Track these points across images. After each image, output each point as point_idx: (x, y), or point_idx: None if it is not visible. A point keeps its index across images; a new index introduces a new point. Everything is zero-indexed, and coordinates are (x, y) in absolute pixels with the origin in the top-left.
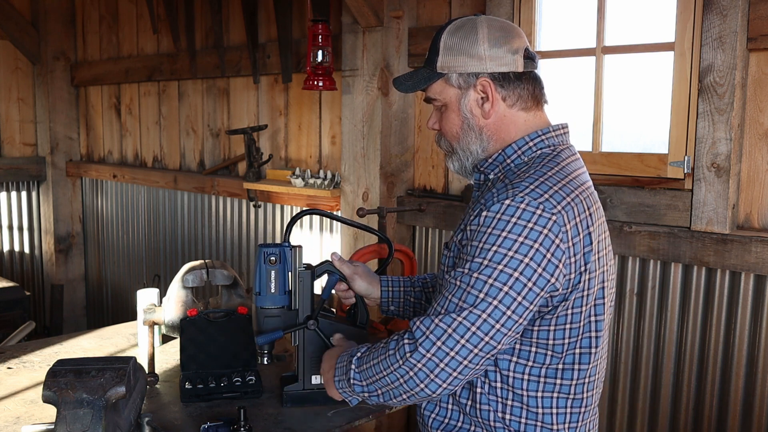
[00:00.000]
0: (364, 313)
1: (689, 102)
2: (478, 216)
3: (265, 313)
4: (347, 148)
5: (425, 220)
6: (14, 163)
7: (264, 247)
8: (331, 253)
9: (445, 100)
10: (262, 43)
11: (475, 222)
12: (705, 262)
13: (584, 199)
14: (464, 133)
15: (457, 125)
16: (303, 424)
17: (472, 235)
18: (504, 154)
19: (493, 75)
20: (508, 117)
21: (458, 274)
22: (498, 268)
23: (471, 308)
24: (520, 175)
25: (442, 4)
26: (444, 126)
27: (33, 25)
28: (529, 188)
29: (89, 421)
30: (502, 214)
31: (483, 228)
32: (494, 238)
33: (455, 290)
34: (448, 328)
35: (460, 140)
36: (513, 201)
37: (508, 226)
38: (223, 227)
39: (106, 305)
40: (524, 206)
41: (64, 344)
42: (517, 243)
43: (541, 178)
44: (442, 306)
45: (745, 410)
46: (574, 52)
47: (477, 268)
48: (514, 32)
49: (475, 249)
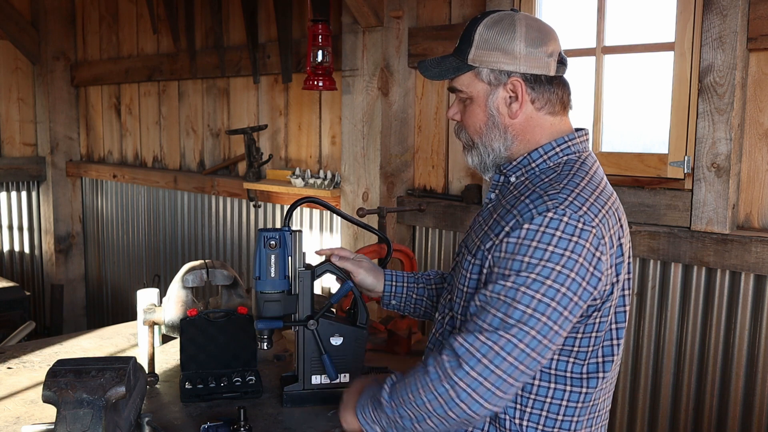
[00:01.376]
0: (363, 313)
1: (689, 102)
2: (518, 229)
3: (265, 297)
4: (347, 148)
5: (425, 220)
6: (14, 163)
7: (264, 231)
8: (331, 255)
9: (472, 93)
10: (262, 43)
11: (515, 235)
12: (705, 262)
13: (615, 210)
14: (488, 130)
15: (481, 120)
16: (303, 424)
17: (512, 248)
18: (529, 158)
19: (525, 76)
20: (534, 120)
21: (500, 288)
22: (546, 283)
23: (518, 324)
24: (551, 183)
25: (442, 4)
26: (467, 119)
27: (33, 25)
28: (568, 200)
29: (89, 421)
30: (545, 227)
31: (526, 241)
32: (540, 253)
33: (500, 305)
34: (494, 345)
35: (483, 136)
36: (555, 214)
37: (553, 240)
38: (223, 227)
39: (106, 305)
40: (566, 219)
41: (64, 344)
42: (564, 257)
43: (576, 189)
44: (487, 322)
45: (745, 410)
46: (574, 52)
47: (523, 282)
48: (551, 35)
49: (519, 263)
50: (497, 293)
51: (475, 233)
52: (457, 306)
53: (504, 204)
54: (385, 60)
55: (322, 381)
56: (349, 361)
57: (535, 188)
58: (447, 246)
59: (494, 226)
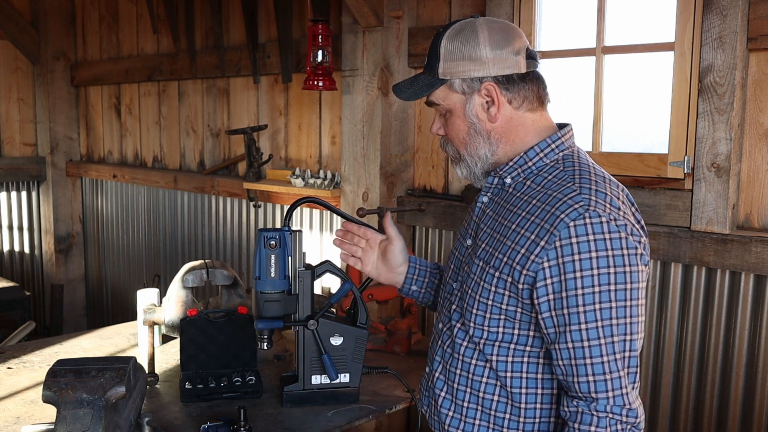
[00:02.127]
0: (363, 313)
1: (689, 102)
2: (557, 243)
3: (265, 297)
4: (347, 148)
5: (425, 220)
6: (14, 163)
7: (264, 231)
8: (386, 212)
9: (450, 105)
10: (262, 43)
11: (552, 255)
12: (705, 262)
13: (626, 195)
14: (471, 139)
15: (463, 131)
16: (303, 424)
17: (563, 269)
18: (525, 157)
19: (497, 78)
20: (515, 119)
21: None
22: (627, 305)
23: (629, 352)
24: (563, 182)
25: (442, 4)
26: (450, 132)
27: (33, 25)
28: (592, 200)
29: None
30: (589, 236)
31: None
32: (606, 277)
33: (601, 349)
34: (623, 388)
35: (467, 146)
36: (590, 218)
37: (609, 260)
38: (223, 227)
39: (106, 305)
40: (603, 220)
41: (64, 344)
42: (627, 274)
43: (592, 186)
44: (600, 373)
45: (745, 410)
46: (574, 52)
47: (608, 315)
48: (514, 33)
49: (590, 295)
50: (595, 338)
51: (481, 239)
52: (472, 315)
53: (508, 206)
54: (385, 60)
55: (322, 381)
56: (349, 361)
57: (546, 189)
58: (447, 246)
59: (507, 233)
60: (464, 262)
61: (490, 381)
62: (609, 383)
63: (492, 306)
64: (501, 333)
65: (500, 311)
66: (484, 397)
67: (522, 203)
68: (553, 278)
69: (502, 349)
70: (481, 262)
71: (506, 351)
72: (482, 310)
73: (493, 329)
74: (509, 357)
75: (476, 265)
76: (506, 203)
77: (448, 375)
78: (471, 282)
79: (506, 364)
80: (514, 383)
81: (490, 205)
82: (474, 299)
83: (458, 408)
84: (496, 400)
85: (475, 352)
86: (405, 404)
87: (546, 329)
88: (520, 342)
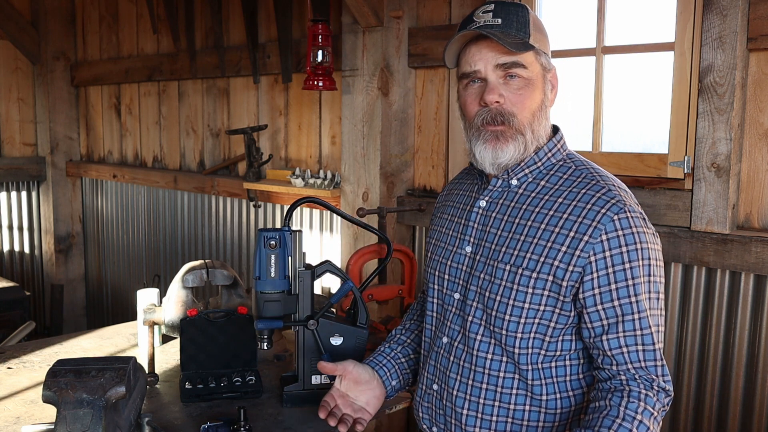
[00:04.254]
0: (363, 313)
1: (689, 102)
2: (604, 236)
3: (265, 297)
4: (347, 148)
5: (425, 220)
6: (14, 163)
7: (264, 231)
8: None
9: (532, 75)
10: (262, 43)
11: (599, 248)
12: (705, 262)
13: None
14: (540, 114)
15: (537, 103)
16: (303, 424)
17: (610, 261)
18: (536, 158)
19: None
20: (547, 111)
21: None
22: (660, 297)
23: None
24: (589, 180)
25: (442, 4)
26: (524, 101)
27: (33, 25)
28: (619, 195)
29: (89, 421)
30: (631, 229)
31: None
32: (647, 269)
33: (652, 337)
34: (660, 358)
35: (534, 121)
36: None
37: (650, 252)
38: (223, 227)
39: (106, 305)
40: (635, 215)
41: (64, 344)
42: (659, 267)
43: (610, 181)
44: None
45: (745, 410)
46: (574, 52)
47: (656, 305)
48: None
49: (639, 285)
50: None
51: (497, 243)
52: (504, 322)
53: (524, 207)
54: (385, 60)
55: (322, 381)
56: None
57: (571, 188)
58: None
59: (535, 233)
60: (473, 271)
61: (521, 392)
62: (659, 369)
63: (528, 309)
64: (533, 339)
65: (536, 315)
66: (515, 409)
67: (545, 202)
68: (599, 271)
69: (533, 356)
70: (508, 266)
71: (536, 358)
72: (516, 315)
73: (526, 335)
74: (539, 365)
75: (502, 270)
76: (518, 204)
77: (472, 391)
78: (498, 288)
79: (538, 372)
80: (547, 390)
81: (493, 209)
82: (506, 305)
83: (486, 423)
84: (527, 410)
85: (502, 363)
86: (405, 404)
87: (591, 323)
88: (550, 348)
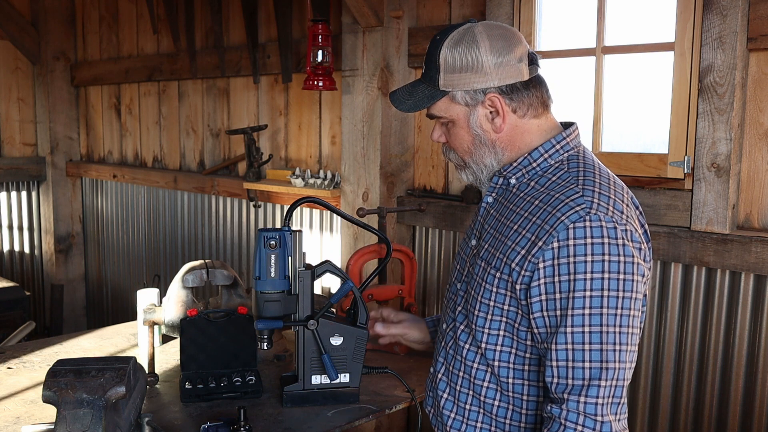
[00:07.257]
0: (363, 313)
1: (689, 102)
2: (554, 244)
3: (265, 297)
4: (347, 148)
5: (425, 220)
6: (14, 163)
7: (264, 231)
8: (375, 312)
9: (452, 117)
10: (262, 43)
11: (557, 255)
12: (705, 262)
13: (631, 198)
14: (476, 148)
15: (467, 141)
16: (303, 424)
17: (557, 270)
18: (530, 158)
19: (500, 89)
20: (521, 127)
21: (579, 337)
22: (617, 313)
23: (617, 363)
24: (566, 184)
25: (442, 4)
26: (453, 142)
27: (33, 25)
28: (594, 203)
29: (89, 421)
30: (586, 239)
31: (574, 266)
32: (599, 282)
33: (589, 355)
34: (610, 397)
35: (473, 155)
36: (590, 221)
37: (604, 265)
38: (223, 227)
39: (106, 305)
40: (603, 224)
41: (64, 344)
42: (620, 281)
43: (596, 188)
44: (579, 377)
45: (745, 410)
46: (574, 52)
47: (597, 321)
48: (514, 38)
49: (581, 299)
50: (579, 343)
51: (485, 240)
52: (475, 317)
53: (511, 207)
54: (385, 60)
55: (322, 381)
56: (349, 361)
57: (549, 191)
58: (447, 246)
59: (508, 233)
60: (469, 263)
61: (491, 385)
62: (584, 389)
63: (494, 307)
64: (502, 336)
65: (501, 313)
66: (485, 401)
67: (524, 204)
68: (546, 279)
69: (503, 354)
70: (483, 262)
71: (507, 356)
72: (484, 311)
73: (494, 332)
74: (510, 363)
75: (479, 266)
76: (509, 203)
77: (451, 377)
78: (474, 283)
79: (507, 370)
80: (515, 389)
81: (494, 206)
82: (477, 300)
83: (460, 410)
84: (497, 405)
85: (477, 355)
86: (405, 404)
87: (537, 329)
88: (520, 348)
